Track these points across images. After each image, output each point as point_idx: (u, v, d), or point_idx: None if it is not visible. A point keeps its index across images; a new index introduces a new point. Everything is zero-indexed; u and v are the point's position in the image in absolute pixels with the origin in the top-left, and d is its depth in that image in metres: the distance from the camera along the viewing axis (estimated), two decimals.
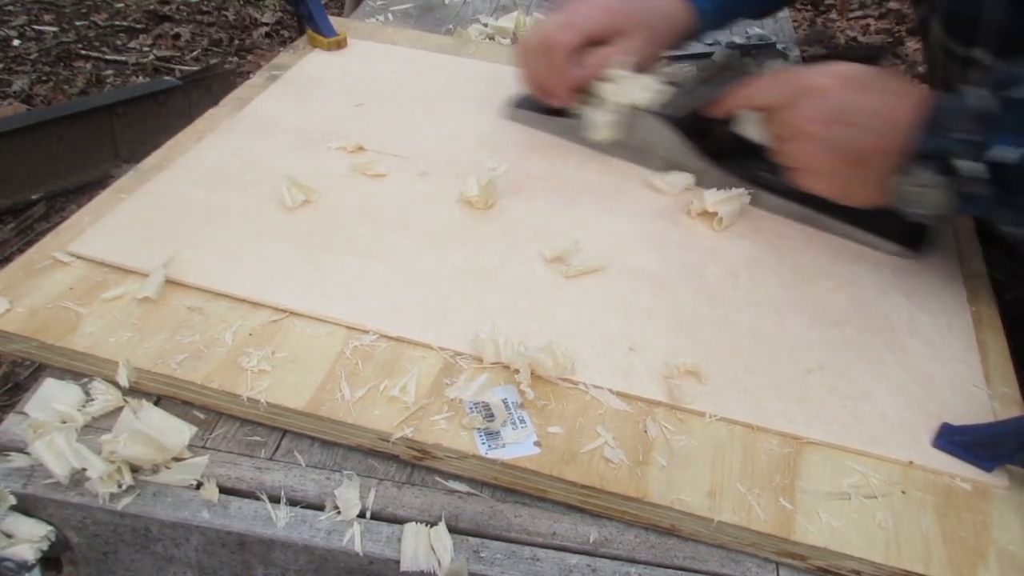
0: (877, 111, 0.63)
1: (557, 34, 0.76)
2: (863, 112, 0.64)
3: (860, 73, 0.65)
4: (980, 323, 0.67)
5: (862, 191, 0.67)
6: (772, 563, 0.51)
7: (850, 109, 0.64)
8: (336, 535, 0.50)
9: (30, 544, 0.50)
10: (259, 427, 0.55)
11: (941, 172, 0.60)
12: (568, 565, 0.50)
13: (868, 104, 0.64)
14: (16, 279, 0.60)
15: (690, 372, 0.59)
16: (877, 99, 0.64)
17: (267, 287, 0.61)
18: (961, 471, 0.54)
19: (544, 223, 0.72)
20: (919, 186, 0.62)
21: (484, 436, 0.53)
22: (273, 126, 0.81)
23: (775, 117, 0.69)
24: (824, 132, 0.65)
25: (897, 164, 0.62)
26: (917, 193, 0.62)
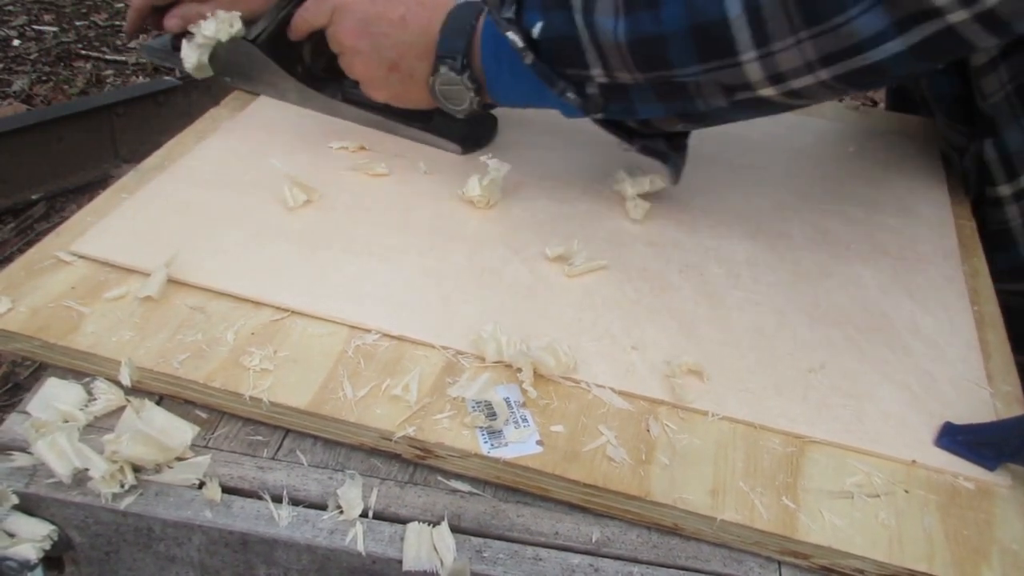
0: (403, 19, 0.69)
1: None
2: (389, 21, 0.70)
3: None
4: (982, 322, 0.67)
5: (412, 94, 0.73)
6: (775, 562, 0.51)
7: (377, 19, 0.70)
8: (338, 535, 0.50)
9: (32, 544, 0.50)
10: (261, 426, 0.55)
11: (462, 69, 0.67)
12: (571, 565, 0.50)
13: (394, 14, 0.70)
14: (18, 278, 0.60)
15: (692, 371, 0.59)
16: (400, 8, 0.70)
17: (269, 286, 0.61)
18: (964, 470, 0.54)
19: (546, 222, 0.72)
20: (448, 84, 0.69)
21: (486, 435, 0.53)
22: (274, 126, 0.81)
23: (327, 36, 0.74)
24: (360, 44, 0.71)
25: (432, 65, 0.69)
26: (447, 91, 0.69)
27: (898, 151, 0.89)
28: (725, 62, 0.58)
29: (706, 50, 0.58)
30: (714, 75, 0.59)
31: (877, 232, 0.75)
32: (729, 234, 0.73)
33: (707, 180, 0.80)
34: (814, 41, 0.54)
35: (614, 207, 0.75)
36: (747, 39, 0.56)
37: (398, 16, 0.69)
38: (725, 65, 0.58)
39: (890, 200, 0.80)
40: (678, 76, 0.60)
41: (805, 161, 0.86)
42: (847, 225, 0.76)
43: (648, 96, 0.63)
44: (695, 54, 0.58)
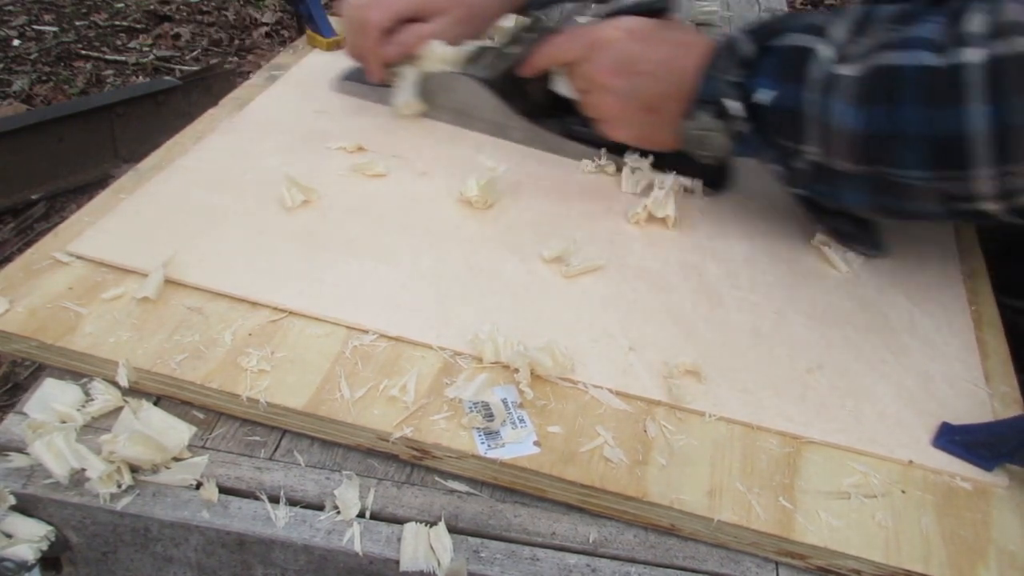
0: (664, 60, 0.68)
1: (367, 12, 0.79)
2: (651, 62, 0.68)
3: (647, 25, 0.70)
4: (980, 322, 0.67)
5: (659, 136, 0.71)
6: (772, 562, 0.51)
7: (639, 59, 0.68)
8: (336, 535, 0.50)
9: (30, 544, 0.50)
10: (259, 427, 0.55)
11: (717, 116, 0.65)
12: (567, 565, 0.50)
13: (655, 54, 0.68)
14: (16, 279, 0.60)
15: (690, 371, 0.59)
16: (664, 49, 0.68)
17: (267, 287, 0.61)
18: (961, 470, 0.54)
19: (544, 223, 0.72)
20: (702, 129, 0.67)
21: (483, 436, 0.53)
22: (273, 126, 0.81)
23: (575, 72, 0.73)
24: (616, 82, 0.69)
25: (685, 109, 0.67)
26: (701, 136, 0.67)
27: None
28: (956, 174, 0.56)
29: (941, 159, 0.56)
30: (941, 184, 0.58)
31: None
32: (727, 234, 0.73)
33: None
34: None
35: (612, 207, 0.75)
36: (987, 157, 0.54)
37: (662, 56, 0.68)
38: (956, 177, 0.57)
39: None
40: (902, 176, 0.59)
41: None
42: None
43: (860, 186, 0.62)
44: (928, 160, 0.57)
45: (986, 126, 0.54)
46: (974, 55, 0.54)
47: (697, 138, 0.67)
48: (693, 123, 0.66)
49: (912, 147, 0.57)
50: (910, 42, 0.57)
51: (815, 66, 0.60)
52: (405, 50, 0.79)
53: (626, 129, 0.72)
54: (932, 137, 0.56)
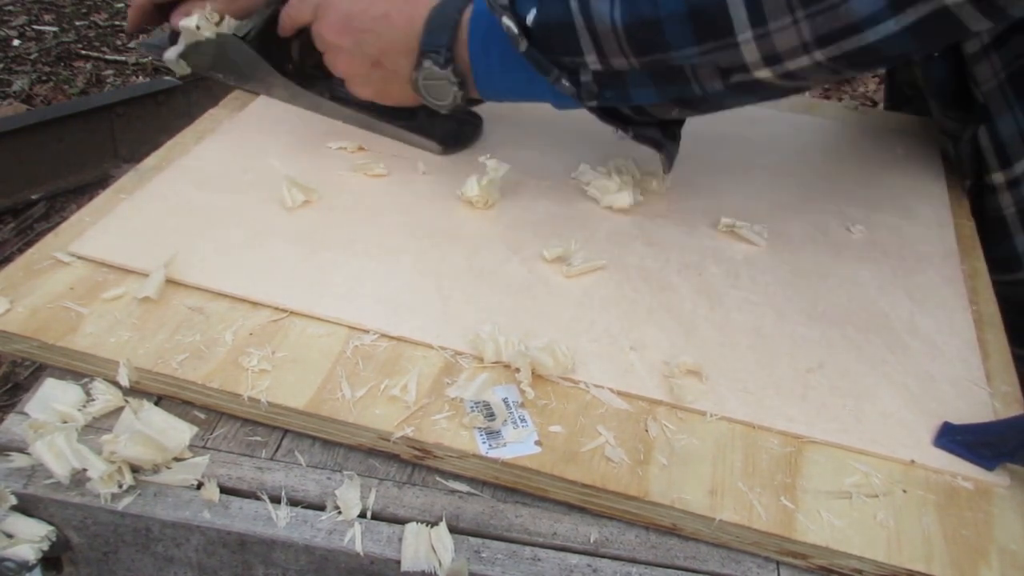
0: (386, 15, 0.69)
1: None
2: (372, 17, 0.69)
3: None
4: (981, 322, 0.67)
5: (394, 91, 0.72)
6: (773, 562, 0.51)
7: (360, 15, 0.69)
8: (337, 535, 0.50)
9: (31, 544, 0.50)
10: (260, 427, 0.55)
11: (445, 64, 0.67)
12: (569, 565, 0.50)
13: (376, 10, 0.69)
14: (16, 279, 0.60)
15: (691, 371, 0.59)
16: (385, 4, 0.69)
17: (267, 287, 0.61)
18: (962, 470, 0.54)
19: (544, 222, 0.72)
20: (431, 79, 0.68)
21: (485, 435, 0.53)
22: (273, 126, 0.81)
23: (312, 33, 0.74)
24: (343, 40, 0.70)
25: (415, 61, 0.68)
26: (430, 86, 0.69)
27: (897, 151, 0.89)
28: (721, 43, 0.57)
29: (703, 31, 0.57)
30: (711, 57, 0.59)
31: (876, 232, 0.75)
32: (728, 234, 0.73)
33: (706, 180, 0.80)
34: (810, 21, 0.54)
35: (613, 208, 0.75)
36: (744, 19, 0.56)
37: (381, 12, 0.69)
38: (721, 46, 0.58)
39: (889, 200, 0.80)
40: (675, 59, 0.60)
41: (804, 161, 0.86)
42: (846, 225, 0.76)
43: (644, 81, 0.63)
44: (692, 35, 0.58)
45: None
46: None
47: (428, 88, 0.69)
48: (421, 73, 0.68)
49: (676, 26, 0.57)
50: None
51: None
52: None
53: (364, 86, 0.73)
54: (690, 10, 0.57)
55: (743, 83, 0.61)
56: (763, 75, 0.59)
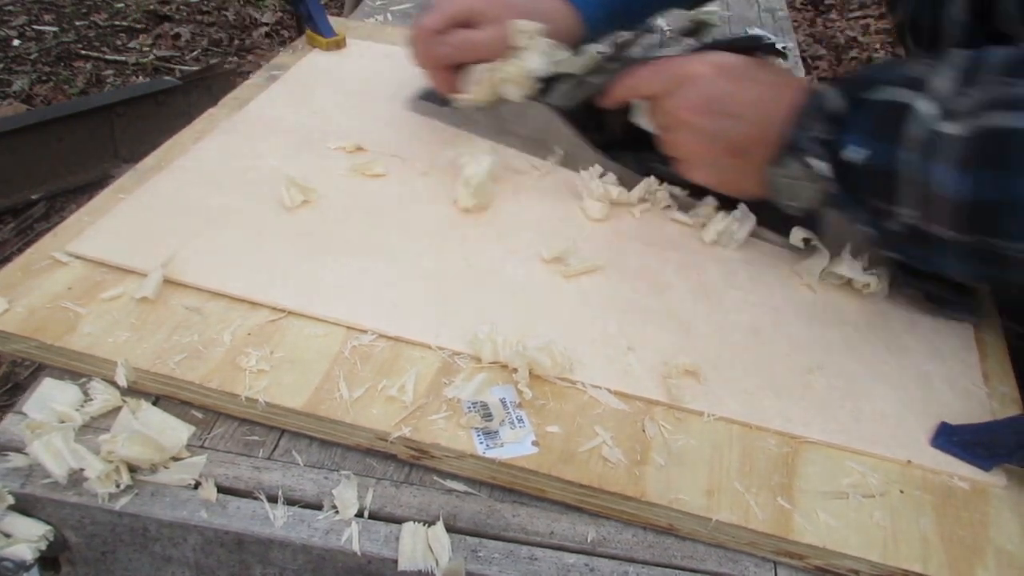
0: (754, 101, 0.64)
1: (420, 19, 0.77)
2: (740, 102, 0.64)
3: (739, 63, 0.66)
4: (979, 323, 0.67)
5: (743, 181, 0.67)
6: (770, 562, 0.51)
7: (727, 99, 0.64)
8: (334, 535, 0.50)
9: (28, 544, 0.50)
10: (257, 427, 0.55)
11: (808, 165, 0.61)
12: (566, 564, 0.50)
13: (745, 94, 0.64)
14: (15, 279, 0.60)
15: (688, 371, 0.59)
16: (755, 89, 0.64)
17: (265, 287, 0.61)
18: (959, 470, 0.54)
19: (543, 222, 0.72)
20: (791, 178, 0.62)
21: (482, 435, 0.53)
22: (272, 126, 0.81)
23: (657, 106, 0.68)
24: (701, 121, 0.65)
25: (773, 155, 0.63)
26: (789, 184, 0.63)
27: None
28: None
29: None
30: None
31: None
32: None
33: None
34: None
35: (612, 208, 0.75)
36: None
37: (752, 98, 0.63)
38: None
39: None
40: (1008, 249, 0.54)
41: None
42: None
43: (960, 256, 0.57)
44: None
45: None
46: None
47: (785, 186, 0.64)
48: (781, 170, 0.63)
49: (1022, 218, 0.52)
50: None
51: (914, 124, 0.55)
52: (455, 50, 0.76)
53: (707, 171, 0.68)
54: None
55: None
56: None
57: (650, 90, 0.68)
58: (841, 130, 0.58)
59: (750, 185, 0.67)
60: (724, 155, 0.65)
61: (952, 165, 0.53)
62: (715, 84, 0.64)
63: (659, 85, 0.67)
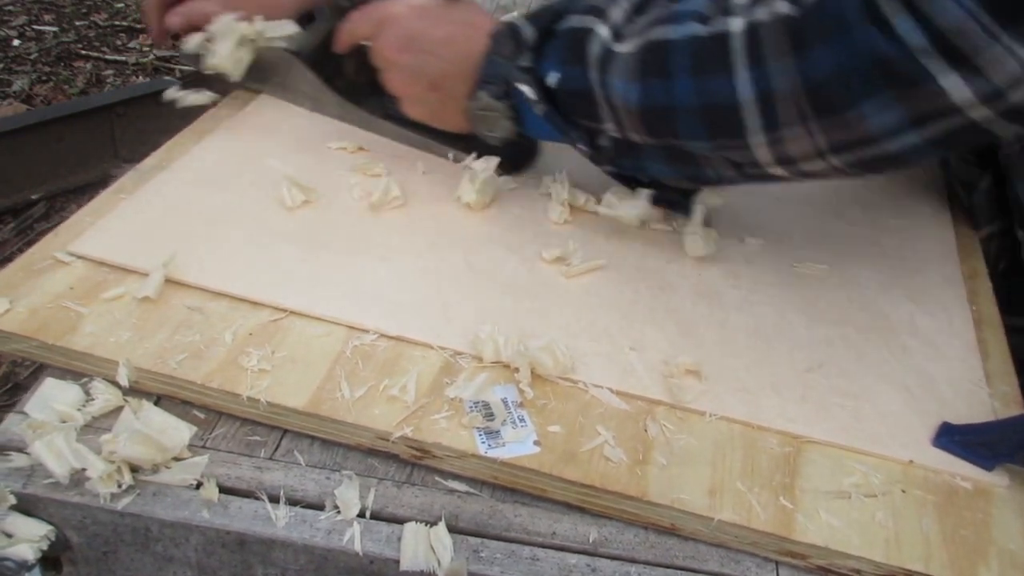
0: (446, 39, 0.68)
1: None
2: (435, 40, 0.68)
3: (435, 4, 0.70)
4: (980, 322, 0.67)
5: (448, 115, 0.71)
6: (772, 562, 0.51)
7: (423, 37, 0.68)
8: (336, 535, 0.50)
9: (30, 544, 0.50)
10: (259, 427, 0.55)
11: (501, 96, 0.65)
12: (568, 565, 0.50)
13: (440, 33, 0.68)
14: (16, 279, 0.60)
15: (690, 371, 0.59)
16: (447, 28, 0.68)
17: (267, 287, 0.61)
18: (961, 470, 0.54)
19: (544, 222, 0.72)
20: (486, 110, 0.67)
21: (484, 435, 0.53)
22: (273, 126, 0.81)
23: (372, 49, 0.72)
24: (402, 59, 0.69)
25: (471, 90, 0.67)
26: (485, 116, 0.67)
27: None
28: (733, 142, 0.57)
29: (715, 129, 0.57)
30: (723, 152, 0.59)
31: (876, 232, 0.75)
32: (728, 234, 0.73)
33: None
34: (825, 132, 0.53)
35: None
36: (757, 124, 0.55)
37: (444, 35, 0.68)
38: (734, 145, 0.57)
39: (889, 200, 0.80)
40: (687, 146, 0.60)
41: None
42: (846, 225, 0.76)
43: (658, 158, 0.63)
44: (704, 131, 0.57)
45: (751, 93, 0.54)
46: (736, 23, 0.54)
47: (482, 118, 0.68)
48: (476, 103, 0.67)
49: (688, 118, 0.57)
50: (680, 15, 0.57)
51: (594, 46, 0.60)
52: (184, 20, 0.79)
53: (418, 107, 0.72)
54: (705, 107, 0.56)
55: (758, 175, 0.60)
56: (777, 172, 0.59)
57: (363, 34, 0.73)
58: (538, 58, 0.63)
59: (454, 118, 0.71)
60: (426, 91, 0.70)
61: (625, 78, 0.58)
62: (411, 23, 0.69)
63: (367, 28, 0.72)
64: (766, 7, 0.53)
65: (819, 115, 0.53)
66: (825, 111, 0.53)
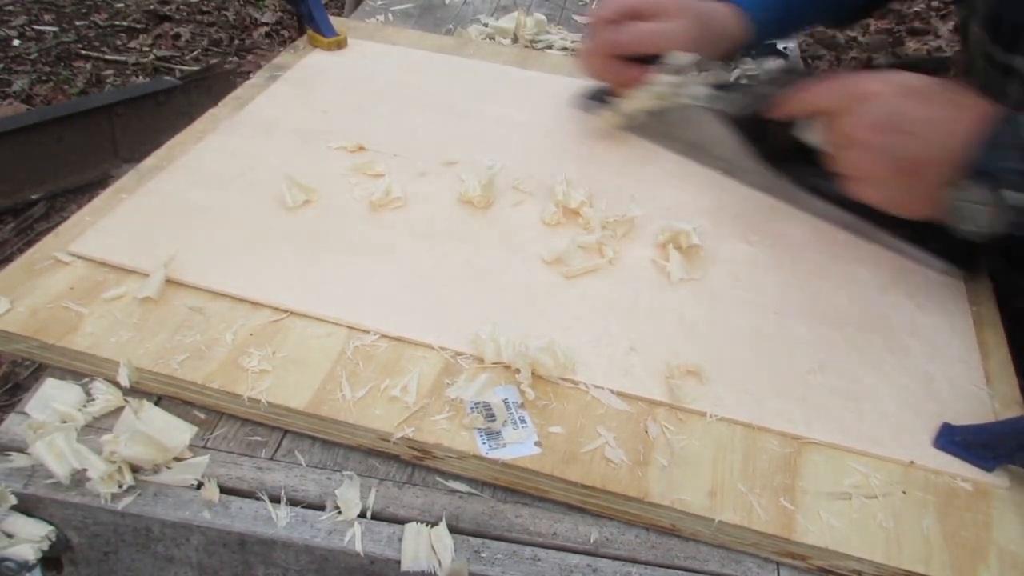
0: (934, 121, 0.62)
1: (596, 10, 0.78)
2: (919, 121, 0.62)
3: (919, 82, 0.64)
4: (981, 323, 0.67)
5: (915, 203, 0.65)
6: (773, 563, 0.51)
7: (906, 118, 0.62)
8: (337, 535, 0.50)
9: (31, 544, 0.50)
10: (260, 427, 0.55)
11: (992, 189, 0.59)
12: (569, 565, 0.50)
13: (925, 114, 0.62)
14: (16, 279, 0.60)
15: (691, 372, 0.59)
16: (935, 109, 0.62)
17: (268, 287, 0.61)
18: (962, 471, 0.54)
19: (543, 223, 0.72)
20: (972, 202, 0.60)
21: (485, 436, 0.53)
22: (273, 126, 0.81)
23: (831, 123, 0.67)
24: (878, 140, 0.63)
25: (952, 178, 0.61)
26: (970, 209, 0.61)
27: None
28: None
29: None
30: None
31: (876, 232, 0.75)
32: (728, 234, 0.73)
33: (705, 180, 0.80)
34: None
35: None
36: None
37: (933, 117, 0.62)
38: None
39: None
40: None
41: None
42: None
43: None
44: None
45: None
46: None
47: (963, 211, 0.61)
48: (962, 194, 0.60)
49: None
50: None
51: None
52: (634, 40, 0.76)
53: (878, 190, 0.66)
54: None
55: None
56: None
57: (825, 105, 0.67)
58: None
59: (921, 206, 0.65)
60: (897, 174, 0.64)
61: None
62: (894, 102, 0.63)
63: (835, 101, 0.66)
64: None
65: None
66: None
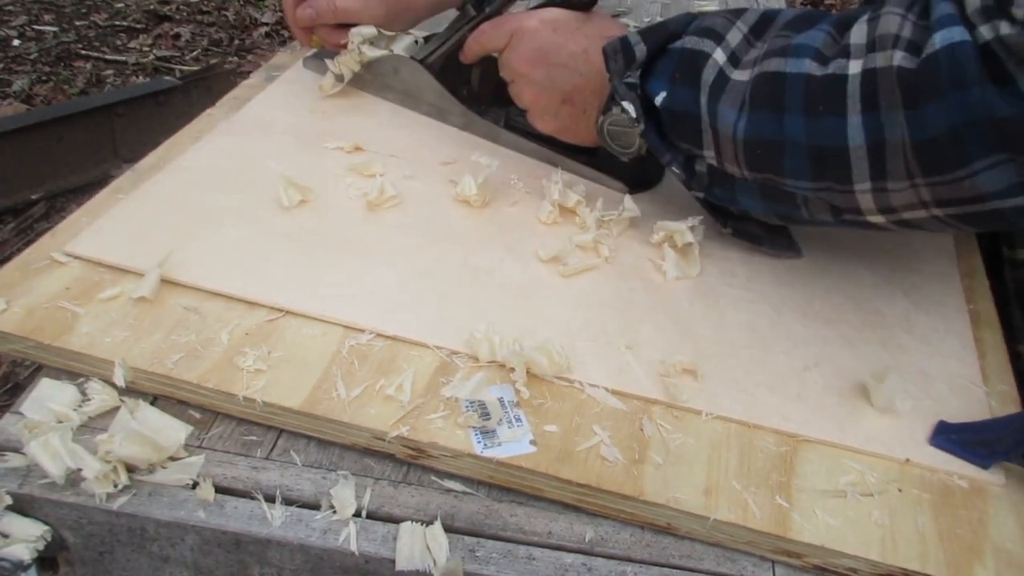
0: (582, 52, 0.67)
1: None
2: (569, 53, 0.68)
3: (567, 16, 0.70)
4: (977, 321, 0.67)
5: (579, 129, 0.71)
6: (768, 561, 0.51)
7: (556, 50, 0.68)
8: (332, 534, 0.50)
9: (26, 544, 0.50)
10: (255, 426, 0.55)
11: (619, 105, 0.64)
12: (564, 564, 0.50)
13: (574, 46, 0.68)
14: (13, 279, 0.60)
15: (686, 370, 0.59)
16: (581, 41, 0.68)
17: (263, 287, 0.61)
18: (958, 469, 0.54)
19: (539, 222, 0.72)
20: (616, 125, 0.66)
21: (480, 435, 0.53)
22: (270, 126, 0.81)
23: (501, 61, 0.73)
24: (534, 72, 0.69)
25: (602, 103, 0.67)
26: (615, 132, 0.67)
27: None
28: (838, 187, 0.56)
29: (821, 170, 0.56)
30: (824, 195, 0.58)
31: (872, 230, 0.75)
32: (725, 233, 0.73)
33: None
34: (931, 187, 0.53)
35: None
36: (864, 171, 0.54)
37: (580, 49, 0.67)
38: (838, 190, 0.56)
39: None
40: (787, 185, 0.59)
41: None
42: None
43: (752, 192, 0.62)
44: (809, 170, 0.56)
45: (862, 140, 0.53)
46: (854, 67, 0.53)
47: (612, 133, 0.67)
48: (607, 117, 0.66)
49: (794, 156, 0.56)
50: (798, 49, 0.56)
51: (709, 71, 0.59)
52: (314, 13, 0.81)
53: (548, 120, 0.72)
54: (812, 147, 0.55)
55: (853, 222, 0.59)
56: (876, 220, 0.58)
57: (494, 46, 0.73)
58: (649, 75, 0.62)
59: (586, 133, 0.71)
60: (558, 104, 0.70)
61: (735, 106, 0.58)
62: (544, 36, 0.69)
63: (499, 40, 0.72)
64: (885, 54, 0.51)
65: (927, 174, 0.52)
66: (935, 168, 0.51)
